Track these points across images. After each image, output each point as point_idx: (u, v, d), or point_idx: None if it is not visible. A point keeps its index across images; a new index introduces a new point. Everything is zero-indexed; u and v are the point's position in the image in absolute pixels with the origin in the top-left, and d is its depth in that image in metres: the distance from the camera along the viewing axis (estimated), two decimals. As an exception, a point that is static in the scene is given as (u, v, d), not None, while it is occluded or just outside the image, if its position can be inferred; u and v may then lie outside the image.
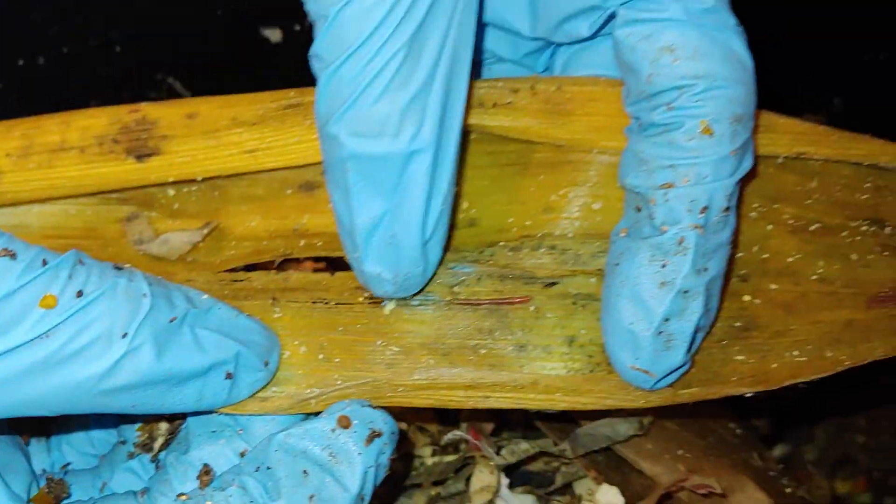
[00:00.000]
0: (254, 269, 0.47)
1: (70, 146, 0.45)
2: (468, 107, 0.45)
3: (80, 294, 0.35)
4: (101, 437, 0.47)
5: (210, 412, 0.42)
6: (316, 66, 0.39)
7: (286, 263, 0.49)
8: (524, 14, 0.47)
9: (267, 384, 0.42)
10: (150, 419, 0.45)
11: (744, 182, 0.47)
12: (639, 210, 0.42)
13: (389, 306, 0.45)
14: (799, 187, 0.49)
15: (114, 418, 0.47)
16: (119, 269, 0.38)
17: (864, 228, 0.49)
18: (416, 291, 0.45)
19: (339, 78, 0.38)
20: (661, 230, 0.41)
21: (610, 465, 0.57)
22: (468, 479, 0.57)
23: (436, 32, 0.39)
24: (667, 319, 0.41)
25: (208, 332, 0.39)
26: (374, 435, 0.41)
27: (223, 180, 0.48)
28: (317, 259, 0.53)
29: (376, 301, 0.45)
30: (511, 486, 0.57)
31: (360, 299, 0.45)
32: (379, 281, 0.43)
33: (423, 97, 0.39)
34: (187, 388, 0.39)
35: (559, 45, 0.49)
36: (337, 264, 0.47)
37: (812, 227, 0.48)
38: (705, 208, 0.41)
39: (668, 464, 0.55)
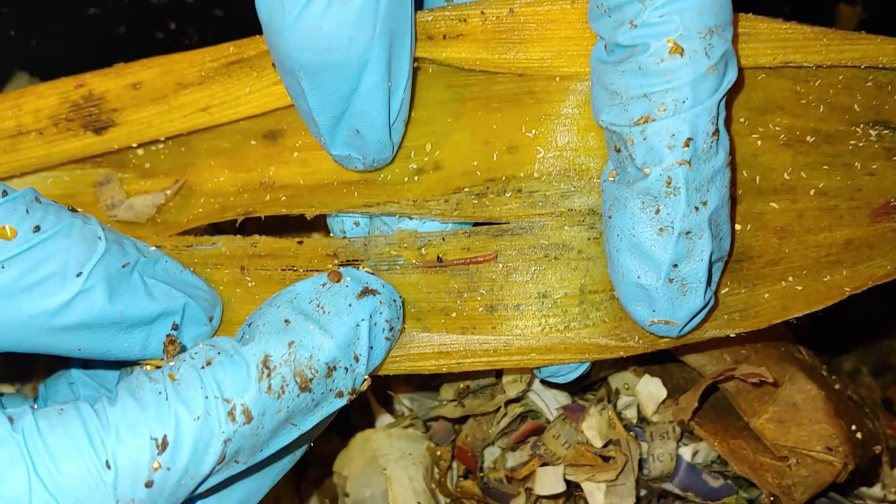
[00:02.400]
0: (220, 232, 0.47)
1: (28, 129, 0.46)
2: (417, 40, 0.43)
3: (37, 229, 0.36)
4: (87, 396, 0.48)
5: None
6: None
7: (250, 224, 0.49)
8: None
9: None
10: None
11: (728, 93, 0.43)
12: (618, 151, 0.39)
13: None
14: (790, 94, 0.44)
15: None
16: (74, 211, 0.38)
17: (867, 133, 0.45)
18: (387, 164, 0.45)
19: None
20: (644, 172, 0.38)
21: (649, 357, 0.56)
22: (499, 371, 0.56)
23: None
24: (675, 265, 0.39)
25: (157, 282, 0.40)
26: (367, 291, 0.40)
27: (188, 136, 0.48)
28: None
29: (346, 266, 0.45)
30: (544, 381, 0.56)
31: (330, 266, 0.45)
32: (349, 160, 0.43)
33: (371, 8, 0.37)
34: (134, 336, 0.39)
35: None
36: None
37: (808, 138, 0.44)
38: (689, 140, 0.37)
39: (713, 354, 0.53)
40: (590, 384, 0.56)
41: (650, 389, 0.51)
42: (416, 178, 0.45)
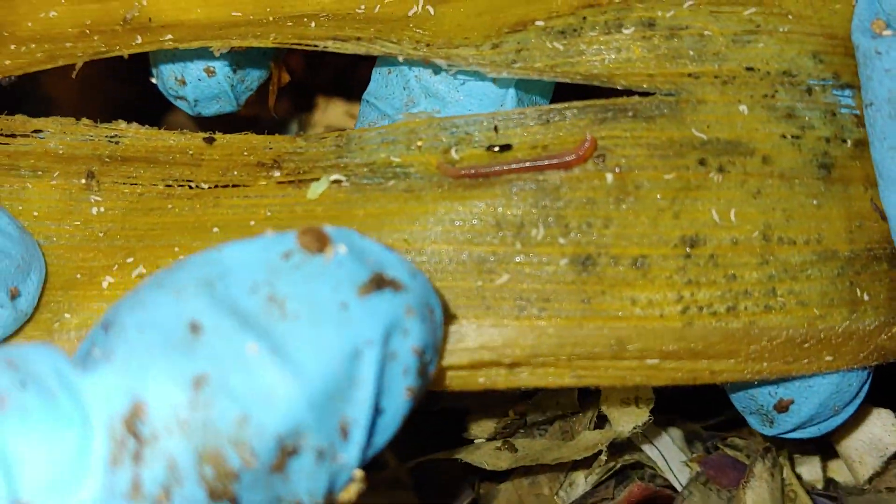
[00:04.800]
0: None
1: None
2: None
3: None
4: None
5: None
6: None
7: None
8: None
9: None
10: None
11: None
12: None
13: (320, 187, 0.25)
14: None
15: None
16: None
17: None
18: None
19: None
20: None
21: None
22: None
23: None
24: None
25: None
26: (381, 281, 0.20)
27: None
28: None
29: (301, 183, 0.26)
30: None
31: (277, 193, 0.26)
32: None
33: None
34: None
35: None
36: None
37: None
38: None
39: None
40: (731, 418, 0.34)
41: (874, 432, 0.30)
42: (430, 8, 0.23)
